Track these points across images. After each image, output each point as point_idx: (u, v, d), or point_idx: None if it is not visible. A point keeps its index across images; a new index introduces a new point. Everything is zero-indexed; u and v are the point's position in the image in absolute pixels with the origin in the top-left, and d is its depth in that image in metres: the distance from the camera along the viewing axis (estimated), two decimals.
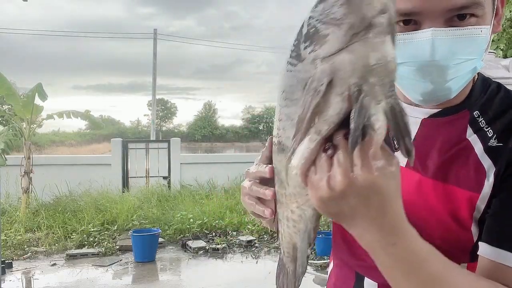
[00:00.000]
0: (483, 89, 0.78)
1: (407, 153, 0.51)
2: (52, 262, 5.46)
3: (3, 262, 4.77)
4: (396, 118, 0.50)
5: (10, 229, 6.38)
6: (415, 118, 0.79)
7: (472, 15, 0.67)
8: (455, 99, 0.76)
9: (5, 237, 5.98)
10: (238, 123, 69.40)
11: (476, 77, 0.79)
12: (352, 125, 0.49)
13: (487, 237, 0.69)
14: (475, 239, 0.72)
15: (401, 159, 0.69)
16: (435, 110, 0.77)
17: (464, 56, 0.69)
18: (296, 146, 0.53)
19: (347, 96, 0.49)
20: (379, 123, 0.49)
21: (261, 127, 62.09)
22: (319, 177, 0.53)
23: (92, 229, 6.40)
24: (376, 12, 0.48)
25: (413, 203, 0.75)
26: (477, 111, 0.75)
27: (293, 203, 0.61)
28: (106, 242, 6.07)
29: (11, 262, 5.28)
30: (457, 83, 0.71)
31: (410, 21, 0.69)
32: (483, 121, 0.74)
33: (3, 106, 11.99)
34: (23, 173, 7.32)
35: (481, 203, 0.71)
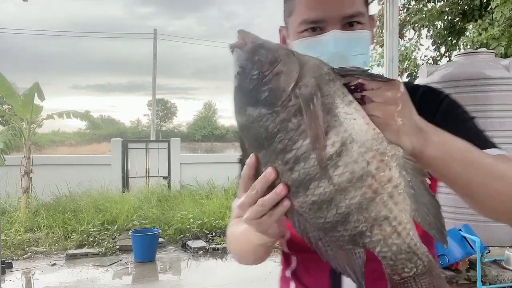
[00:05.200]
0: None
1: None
2: (52, 262, 5.46)
3: (3, 262, 4.76)
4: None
5: (10, 229, 6.38)
6: None
7: (358, 23, 0.89)
8: None
9: (5, 237, 5.98)
10: None
11: None
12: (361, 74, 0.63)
13: (482, 146, 0.82)
14: None
15: None
16: None
17: (358, 50, 0.89)
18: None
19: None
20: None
21: None
22: (378, 110, 0.63)
23: (92, 229, 6.40)
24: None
25: None
26: None
27: (383, 171, 0.61)
28: (106, 242, 6.07)
29: (11, 262, 5.28)
30: None
31: (316, 28, 0.89)
32: None
33: (3, 106, 11.99)
34: (23, 173, 7.32)
35: None
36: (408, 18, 10.57)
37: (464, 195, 0.75)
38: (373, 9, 10.73)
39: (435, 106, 0.96)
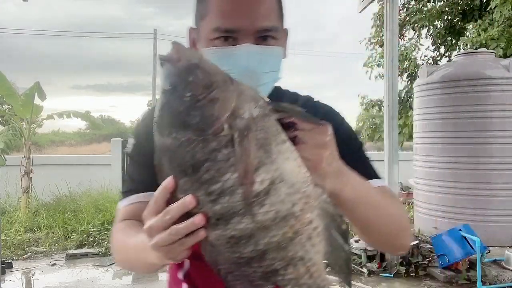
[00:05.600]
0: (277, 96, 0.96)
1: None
2: (52, 262, 5.46)
3: (3, 262, 4.76)
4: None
5: (10, 229, 6.38)
6: None
7: (273, 37, 0.86)
8: None
9: (5, 237, 5.98)
10: None
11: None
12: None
13: (370, 176, 0.91)
14: None
15: None
16: None
17: (270, 67, 0.86)
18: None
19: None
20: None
21: None
22: (309, 153, 0.65)
23: (92, 229, 6.40)
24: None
25: None
26: None
27: (306, 213, 0.61)
28: (106, 242, 6.06)
29: (11, 262, 5.27)
30: (266, 89, 0.88)
31: (228, 38, 0.84)
32: None
33: (3, 106, 11.99)
34: (23, 173, 7.32)
35: None
36: (408, 18, 10.57)
37: (363, 232, 0.84)
38: (373, 9, 10.74)
39: (335, 130, 0.98)
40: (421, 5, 10.52)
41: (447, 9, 10.13)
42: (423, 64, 10.13)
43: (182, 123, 0.58)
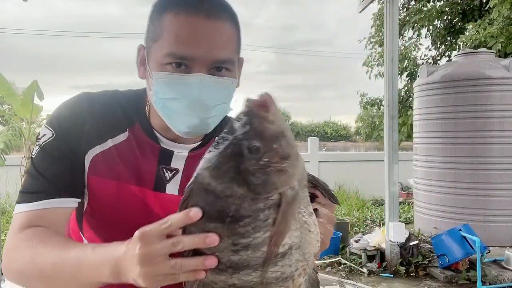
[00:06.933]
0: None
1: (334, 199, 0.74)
2: None
3: None
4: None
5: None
6: (182, 153, 0.94)
7: (227, 69, 0.85)
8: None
9: (5, 237, 5.96)
10: None
11: None
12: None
13: None
14: None
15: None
16: (195, 145, 0.95)
17: (222, 99, 0.86)
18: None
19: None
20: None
21: None
22: (323, 228, 0.70)
23: None
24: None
25: None
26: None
27: (301, 277, 0.66)
28: None
29: None
30: (215, 121, 0.88)
31: (181, 65, 0.82)
32: None
33: (3, 106, 12.00)
34: (23, 173, 7.31)
35: None
36: (408, 18, 10.57)
37: None
38: (373, 9, 10.74)
39: None
40: (421, 5, 10.52)
41: (447, 9, 10.13)
42: (422, 63, 10.14)
43: (244, 179, 0.59)
